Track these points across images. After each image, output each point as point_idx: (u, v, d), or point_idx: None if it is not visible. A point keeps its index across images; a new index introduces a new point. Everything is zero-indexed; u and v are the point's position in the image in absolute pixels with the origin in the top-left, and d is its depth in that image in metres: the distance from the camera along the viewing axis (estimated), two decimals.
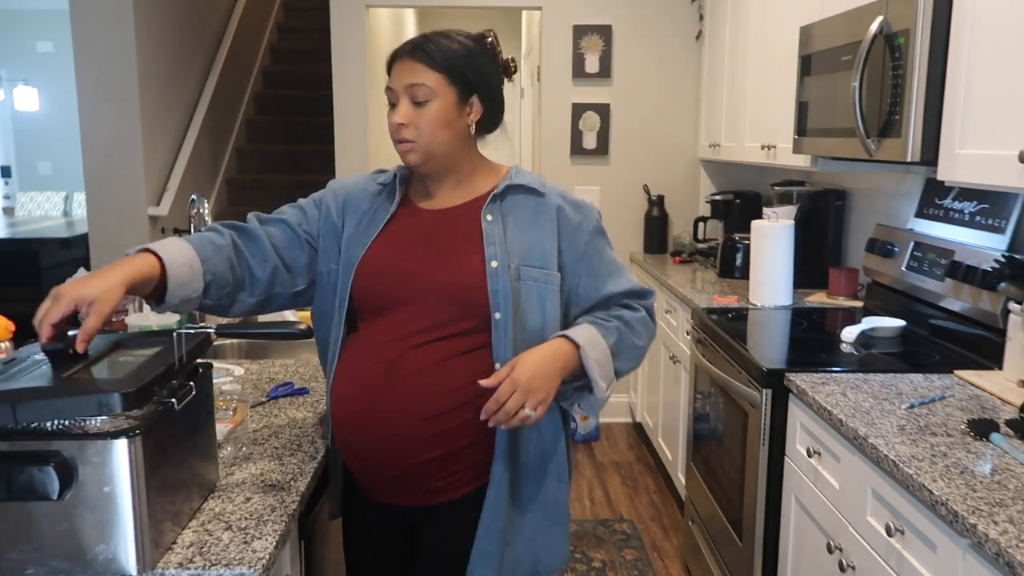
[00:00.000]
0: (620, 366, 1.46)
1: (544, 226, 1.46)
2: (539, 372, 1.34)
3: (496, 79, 1.48)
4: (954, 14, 1.85)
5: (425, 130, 1.41)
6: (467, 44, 1.44)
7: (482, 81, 1.44)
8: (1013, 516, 1.25)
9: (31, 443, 1.05)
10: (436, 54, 1.40)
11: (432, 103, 1.40)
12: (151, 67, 4.37)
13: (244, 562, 1.12)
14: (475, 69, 1.43)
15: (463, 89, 1.42)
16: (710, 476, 2.62)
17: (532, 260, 1.43)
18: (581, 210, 1.50)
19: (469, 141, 1.48)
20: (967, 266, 2.17)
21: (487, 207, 1.46)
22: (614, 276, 1.51)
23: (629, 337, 1.48)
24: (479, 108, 1.45)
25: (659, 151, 4.31)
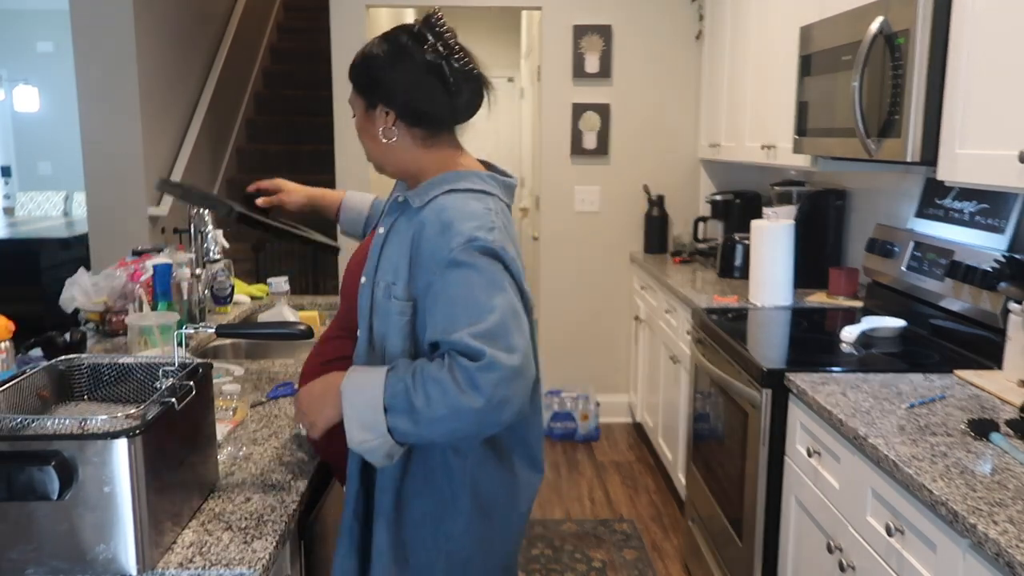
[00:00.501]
0: (398, 424, 1.23)
1: (405, 245, 1.34)
2: (308, 397, 1.33)
3: (404, 78, 1.35)
4: (954, 14, 1.85)
5: (361, 140, 1.45)
6: (371, 52, 1.39)
7: (376, 87, 1.37)
8: (1013, 516, 1.25)
9: (31, 443, 1.05)
10: (352, 70, 1.41)
11: (355, 116, 1.44)
12: (151, 67, 4.37)
13: (244, 562, 1.12)
14: (368, 76, 1.38)
15: (367, 98, 1.40)
16: (710, 476, 2.62)
17: (393, 281, 1.34)
18: (445, 234, 1.28)
19: (396, 143, 1.39)
20: (967, 266, 2.17)
21: (383, 218, 1.44)
22: (445, 320, 1.25)
23: (409, 395, 1.22)
24: (385, 113, 1.38)
25: (659, 151, 4.31)
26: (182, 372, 1.29)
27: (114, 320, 2.33)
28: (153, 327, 1.89)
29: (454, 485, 1.36)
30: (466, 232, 1.28)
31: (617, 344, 4.45)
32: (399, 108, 1.37)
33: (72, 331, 2.08)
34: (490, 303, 1.24)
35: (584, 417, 4.21)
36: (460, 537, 1.37)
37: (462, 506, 1.37)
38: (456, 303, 1.25)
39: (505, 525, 1.44)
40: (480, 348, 1.20)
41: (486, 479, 1.39)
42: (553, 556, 3.03)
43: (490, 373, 1.20)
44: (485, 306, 1.24)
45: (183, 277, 2.42)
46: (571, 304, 4.41)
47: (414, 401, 1.22)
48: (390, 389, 1.24)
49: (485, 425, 1.23)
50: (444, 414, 1.21)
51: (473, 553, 1.39)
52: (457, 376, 1.20)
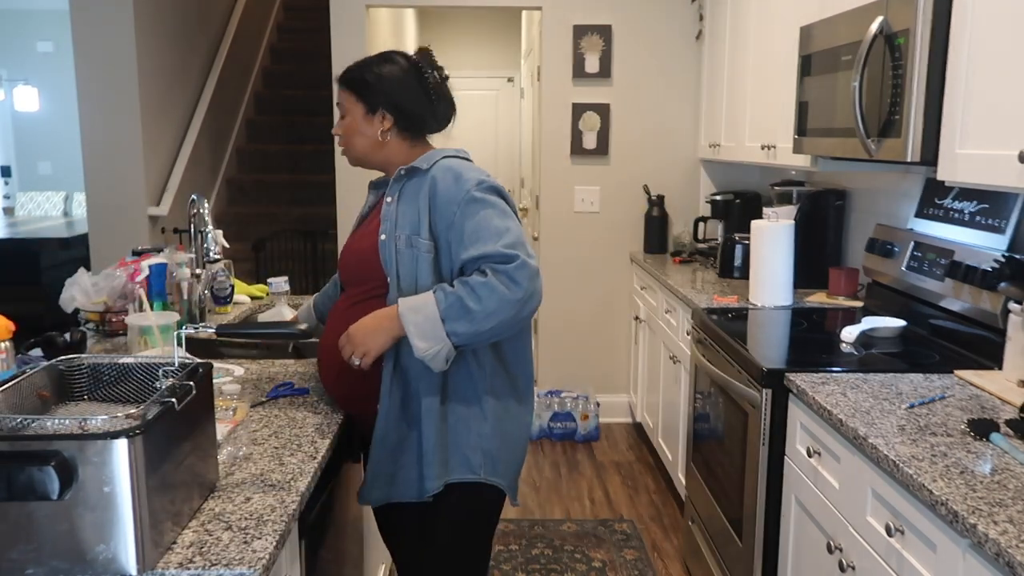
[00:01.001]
0: (456, 328, 1.56)
1: (420, 199, 1.67)
2: (362, 329, 1.62)
3: (408, 93, 1.74)
4: (954, 14, 1.85)
5: (347, 139, 1.79)
6: (378, 67, 1.74)
7: (388, 97, 1.73)
8: (1013, 516, 1.25)
9: (31, 443, 1.05)
10: (351, 79, 1.76)
11: (347, 117, 1.78)
12: (151, 67, 4.37)
13: (244, 562, 1.12)
14: (380, 87, 1.73)
15: (368, 103, 1.74)
16: (710, 476, 2.62)
17: (414, 230, 1.66)
18: (459, 181, 1.64)
19: (389, 142, 1.76)
20: (967, 266, 2.17)
21: (389, 189, 1.74)
22: (476, 242, 1.60)
23: (464, 301, 1.55)
24: (386, 118, 1.75)
25: (659, 151, 4.31)
26: (182, 372, 1.29)
27: (114, 320, 2.33)
28: (153, 327, 1.89)
29: (479, 392, 1.68)
30: (475, 177, 1.65)
31: (617, 344, 4.45)
32: (398, 115, 1.75)
33: (72, 331, 2.08)
34: (506, 225, 1.61)
35: (584, 417, 4.21)
36: (491, 436, 1.69)
37: (488, 409, 1.69)
38: (480, 228, 1.60)
39: (519, 427, 1.76)
40: (513, 253, 1.57)
41: (500, 386, 1.72)
42: (553, 556, 3.03)
43: (524, 270, 1.57)
44: (503, 227, 1.60)
45: (183, 277, 2.42)
46: (571, 304, 4.41)
47: (468, 304, 1.55)
48: (443, 303, 1.56)
49: (524, 312, 1.58)
50: (494, 308, 1.55)
51: (500, 447, 1.71)
52: (500, 277, 1.56)
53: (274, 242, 4.96)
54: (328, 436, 1.59)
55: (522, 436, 1.79)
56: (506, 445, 1.73)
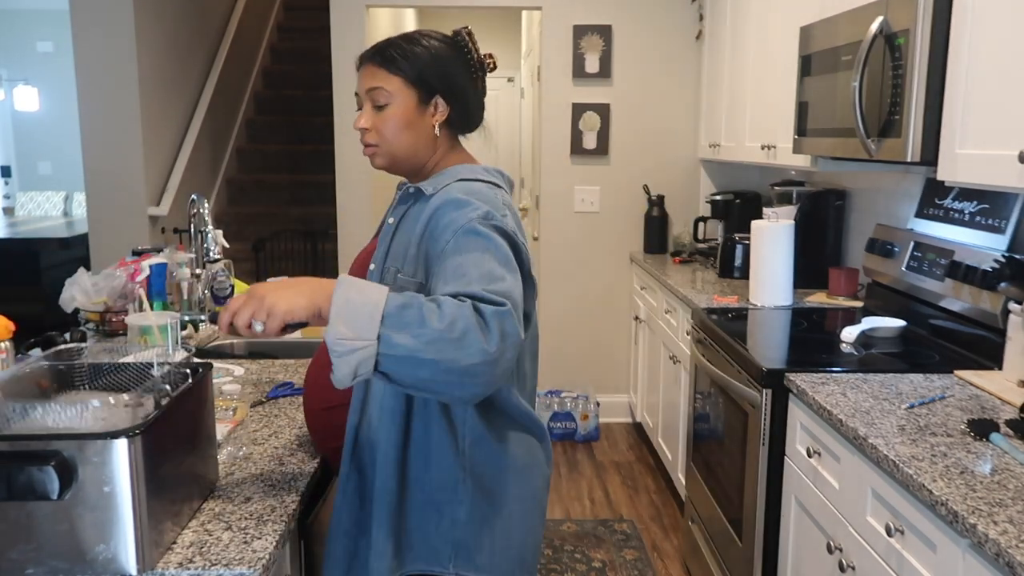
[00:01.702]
0: (393, 336, 1.10)
1: (416, 228, 1.34)
2: (280, 287, 1.18)
3: (463, 78, 1.43)
4: (954, 14, 1.85)
5: (386, 134, 1.40)
6: (429, 44, 1.41)
7: (445, 81, 1.40)
8: (1013, 516, 1.25)
9: (31, 443, 1.05)
10: (394, 57, 1.39)
11: (391, 107, 1.39)
12: (151, 67, 4.37)
13: (244, 562, 1.12)
14: (436, 69, 1.40)
15: (424, 90, 1.40)
16: (710, 476, 2.62)
17: (400, 265, 1.35)
18: (462, 209, 1.29)
19: (436, 141, 1.43)
20: (967, 266, 2.17)
21: (393, 210, 1.44)
22: (459, 278, 1.20)
23: (423, 312, 1.11)
24: (444, 108, 1.41)
25: (659, 151, 4.31)
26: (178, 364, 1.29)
27: (114, 320, 2.33)
28: (153, 327, 1.89)
29: (454, 468, 1.33)
30: (483, 209, 1.29)
31: (617, 344, 4.45)
32: (457, 103, 1.43)
33: (72, 331, 2.08)
34: (503, 274, 1.21)
35: (584, 417, 4.21)
36: (465, 524, 1.34)
37: (464, 491, 1.33)
38: (469, 266, 1.21)
39: (516, 510, 1.39)
40: (500, 299, 1.16)
41: (484, 459, 1.35)
42: (553, 556, 3.03)
43: (507, 321, 1.13)
44: (497, 274, 1.21)
45: (183, 277, 2.42)
46: (571, 304, 4.41)
47: (427, 317, 1.11)
48: (397, 300, 1.12)
49: (478, 372, 1.11)
50: (450, 341, 1.09)
51: (481, 540, 1.35)
52: (478, 317, 1.13)
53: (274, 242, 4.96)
54: None
55: (525, 518, 1.41)
56: (495, 533, 1.36)
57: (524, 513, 1.41)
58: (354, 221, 4.25)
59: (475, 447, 1.34)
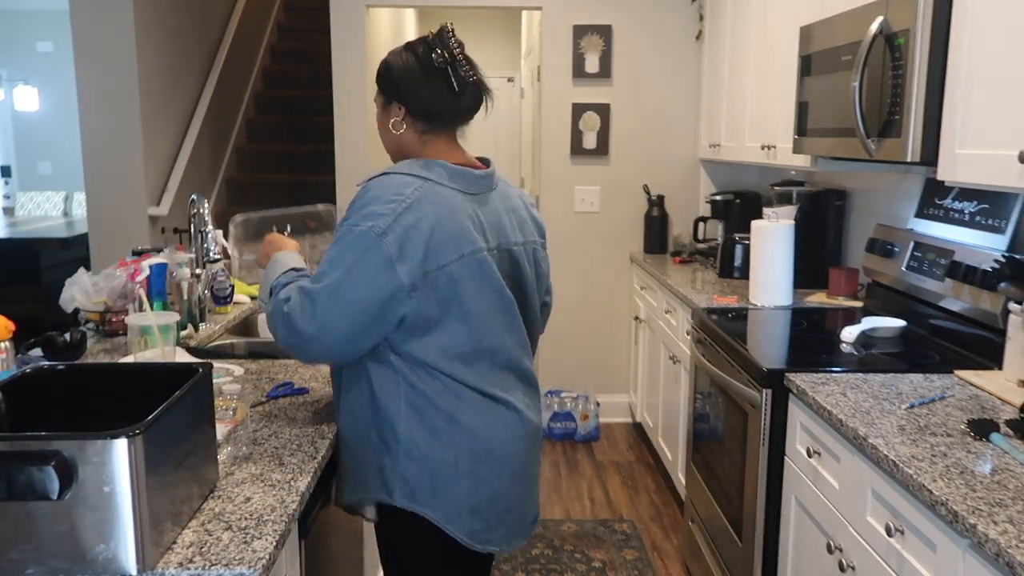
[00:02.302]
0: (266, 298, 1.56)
1: None
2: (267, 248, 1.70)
3: (415, 78, 1.57)
4: (954, 14, 1.85)
5: (379, 133, 1.67)
6: (390, 58, 1.61)
7: (394, 86, 1.59)
8: (1013, 516, 1.25)
9: (31, 443, 1.05)
10: (377, 71, 1.64)
11: (376, 112, 1.66)
12: (151, 67, 4.37)
13: (244, 562, 1.12)
14: (388, 77, 1.60)
15: (385, 96, 1.62)
16: (710, 476, 2.62)
17: None
18: (355, 204, 1.51)
19: (403, 134, 1.61)
20: (967, 266, 2.17)
21: None
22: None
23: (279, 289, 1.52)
24: (399, 110, 1.59)
25: (659, 151, 4.31)
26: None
27: (114, 320, 2.33)
28: (153, 327, 1.89)
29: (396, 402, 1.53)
30: (370, 211, 1.46)
31: (617, 344, 4.45)
32: (407, 104, 1.59)
33: (72, 331, 2.08)
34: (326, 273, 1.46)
35: (584, 417, 4.21)
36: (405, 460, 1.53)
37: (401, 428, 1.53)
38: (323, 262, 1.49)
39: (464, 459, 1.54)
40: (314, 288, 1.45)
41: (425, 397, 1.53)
42: (553, 556, 3.03)
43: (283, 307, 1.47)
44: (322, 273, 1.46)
45: (183, 277, 2.42)
46: (571, 304, 4.41)
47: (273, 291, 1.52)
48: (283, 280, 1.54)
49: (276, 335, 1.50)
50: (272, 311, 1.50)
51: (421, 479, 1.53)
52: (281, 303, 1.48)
53: None
54: (328, 436, 1.59)
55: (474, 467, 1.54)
56: (437, 476, 1.52)
57: (476, 462, 1.54)
58: None
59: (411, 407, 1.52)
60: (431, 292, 1.46)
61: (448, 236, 1.47)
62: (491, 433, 1.56)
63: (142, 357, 1.83)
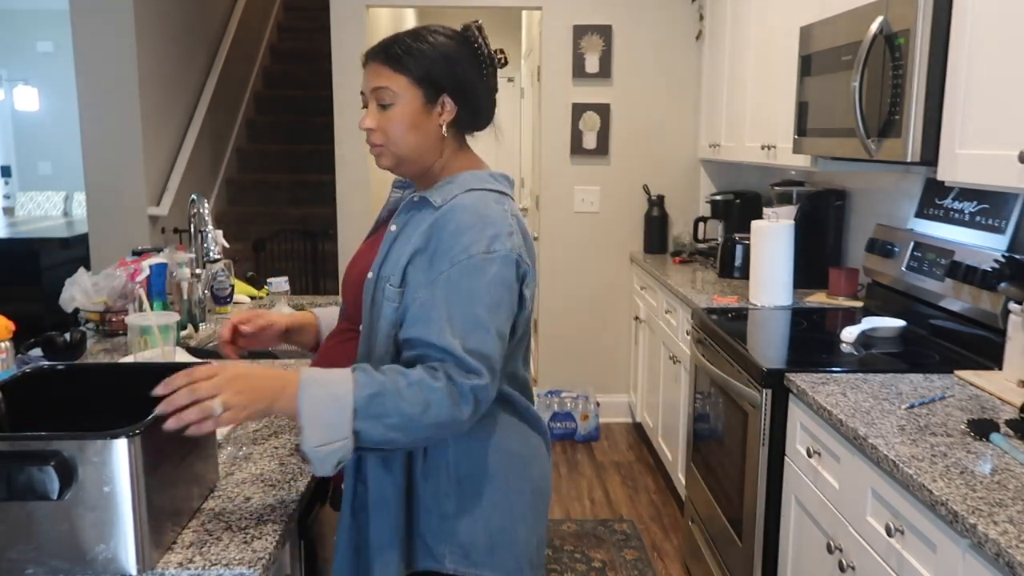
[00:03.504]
0: (367, 427, 1.16)
1: (415, 240, 1.31)
2: (243, 373, 1.18)
3: (472, 74, 1.37)
4: (954, 14, 1.85)
5: (392, 134, 1.35)
6: (436, 41, 1.36)
7: (452, 78, 1.35)
8: (1013, 516, 1.25)
9: (31, 443, 1.05)
10: (399, 55, 1.34)
11: (396, 107, 1.34)
12: (151, 67, 4.37)
13: (244, 562, 1.12)
14: (443, 67, 1.34)
15: (430, 89, 1.34)
16: (710, 476, 2.62)
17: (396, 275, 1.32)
18: (464, 234, 1.26)
19: (443, 142, 1.39)
20: (967, 266, 2.17)
21: (396, 216, 1.39)
22: (439, 320, 1.22)
23: (394, 400, 1.16)
24: (451, 107, 1.36)
25: (659, 151, 4.31)
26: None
27: (114, 320, 2.33)
28: (153, 327, 1.89)
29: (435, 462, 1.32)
30: (488, 235, 1.27)
31: (617, 344, 4.45)
32: (465, 102, 1.37)
33: (72, 331, 2.08)
34: (488, 321, 1.23)
35: (584, 417, 4.21)
36: (456, 519, 1.33)
37: (448, 484, 1.32)
38: (458, 307, 1.23)
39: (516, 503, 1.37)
40: (477, 367, 1.20)
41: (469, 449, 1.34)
42: (553, 556, 3.03)
43: (483, 393, 1.21)
44: (485, 322, 1.23)
45: (183, 277, 2.42)
46: (571, 304, 4.41)
47: (403, 407, 1.16)
48: (363, 391, 1.16)
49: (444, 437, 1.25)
50: (426, 425, 1.18)
51: (475, 536, 1.34)
52: (453, 387, 1.19)
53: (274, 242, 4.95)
54: None
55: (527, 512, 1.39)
56: (492, 528, 1.34)
57: (526, 507, 1.38)
58: (354, 221, 4.25)
59: (463, 438, 1.32)
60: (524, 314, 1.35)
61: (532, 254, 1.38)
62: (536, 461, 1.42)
63: (142, 357, 1.83)
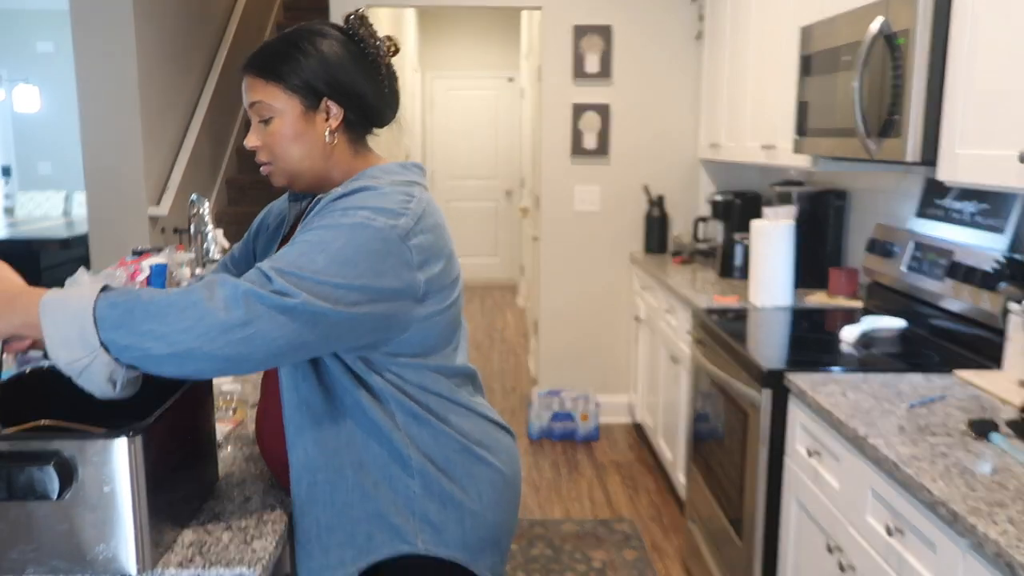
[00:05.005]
0: (117, 338, 1.04)
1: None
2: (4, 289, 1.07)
3: (356, 72, 1.26)
4: (954, 14, 1.85)
5: (276, 150, 1.26)
6: (308, 43, 1.25)
7: (329, 80, 1.24)
8: (1013, 516, 1.25)
9: (31, 443, 1.05)
10: (270, 65, 1.23)
11: (276, 120, 1.24)
12: (151, 67, 4.37)
13: (244, 562, 1.12)
14: (319, 69, 1.24)
15: (308, 96, 1.24)
16: (710, 476, 2.62)
17: None
18: (350, 199, 1.18)
19: (335, 149, 1.28)
20: (967, 266, 2.17)
21: (304, 221, 1.24)
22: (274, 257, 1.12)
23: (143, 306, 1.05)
24: (337, 110, 1.26)
25: (659, 151, 4.31)
26: None
27: None
28: None
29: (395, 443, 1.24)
30: (369, 209, 1.16)
31: (617, 344, 4.45)
32: (350, 105, 1.27)
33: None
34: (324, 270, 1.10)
35: (584, 417, 4.21)
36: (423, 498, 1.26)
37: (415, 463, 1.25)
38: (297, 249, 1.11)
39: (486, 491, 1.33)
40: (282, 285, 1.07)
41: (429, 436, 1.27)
42: (553, 556, 3.03)
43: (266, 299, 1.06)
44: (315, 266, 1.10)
45: (183, 277, 2.42)
46: (571, 304, 4.41)
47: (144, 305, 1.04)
48: (104, 301, 1.05)
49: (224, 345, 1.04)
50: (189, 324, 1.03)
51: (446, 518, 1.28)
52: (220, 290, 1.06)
53: None
54: None
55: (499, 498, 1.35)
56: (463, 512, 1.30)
57: (498, 493, 1.34)
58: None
59: (411, 424, 1.25)
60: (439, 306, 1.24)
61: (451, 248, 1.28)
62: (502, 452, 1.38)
63: None
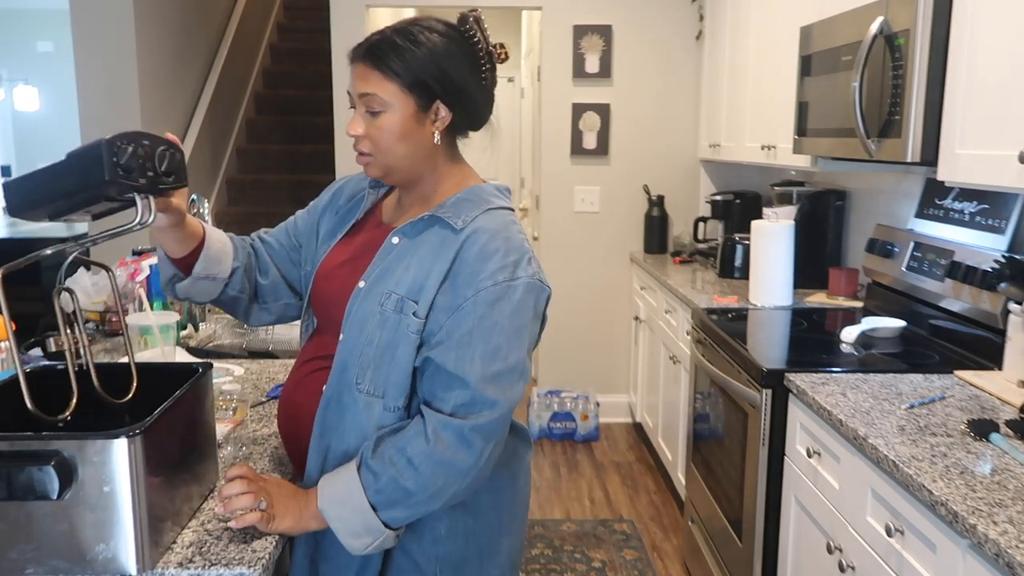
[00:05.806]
0: (395, 514, 1.20)
1: (439, 262, 1.24)
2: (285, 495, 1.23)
3: (468, 76, 1.26)
4: (954, 14, 1.85)
5: (381, 144, 1.26)
6: (428, 40, 1.24)
7: (446, 83, 1.24)
8: (1013, 516, 1.25)
9: (31, 443, 1.05)
10: (389, 59, 1.22)
11: (386, 114, 1.24)
12: (151, 67, 4.37)
13: (244, 562, 1.12)
14: (436, 71, 1.23)
15: (422, 96, 1.24)
16: (710, 476, 2.62)
17: (413, 295, 1.23)
18: (489, 260, 1.22)
19: (437, 151, 1.29)
20: (967, 266, 2.17)
21: (400, 229, 1.29)
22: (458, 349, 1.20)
23: (398, 482, 1.17)
24: (446, 114, 1.26)
25: (659, 151, 4.31)
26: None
27: (114, 320, 2.33)
28: (153, 327, 1.89)
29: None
30: (510, 265, 1.22)
31: (617, 344, 4.45)
32: (461, 106, 1.28)
33: None
34: (508, 350, 1.21)
35: (584, 417, 4.21)
36: (447, 539, 1.30)
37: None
38: (476, 338, 1.20)
39: (505, 519, 1.37)
40: (484, 397, 1.19)
41: None
42: (553, 556, 3.03)
43: (483, 430, 1.19)
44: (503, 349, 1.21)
45: None
46: (571, 304, 4.41)
47: (404, 484, 1.18)
48: (372, 487, 1.19)
49: (482, 472, 1.22)
50: (440, 485, 1.19)
51: (467, 554, 1.32)
52: (445, 436, 1.17)
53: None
54: None
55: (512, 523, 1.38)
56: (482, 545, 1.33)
57: (511, 519, 1.39)
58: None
59: None
60: None
61: None
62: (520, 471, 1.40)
63: (142, 357, 1.83)
